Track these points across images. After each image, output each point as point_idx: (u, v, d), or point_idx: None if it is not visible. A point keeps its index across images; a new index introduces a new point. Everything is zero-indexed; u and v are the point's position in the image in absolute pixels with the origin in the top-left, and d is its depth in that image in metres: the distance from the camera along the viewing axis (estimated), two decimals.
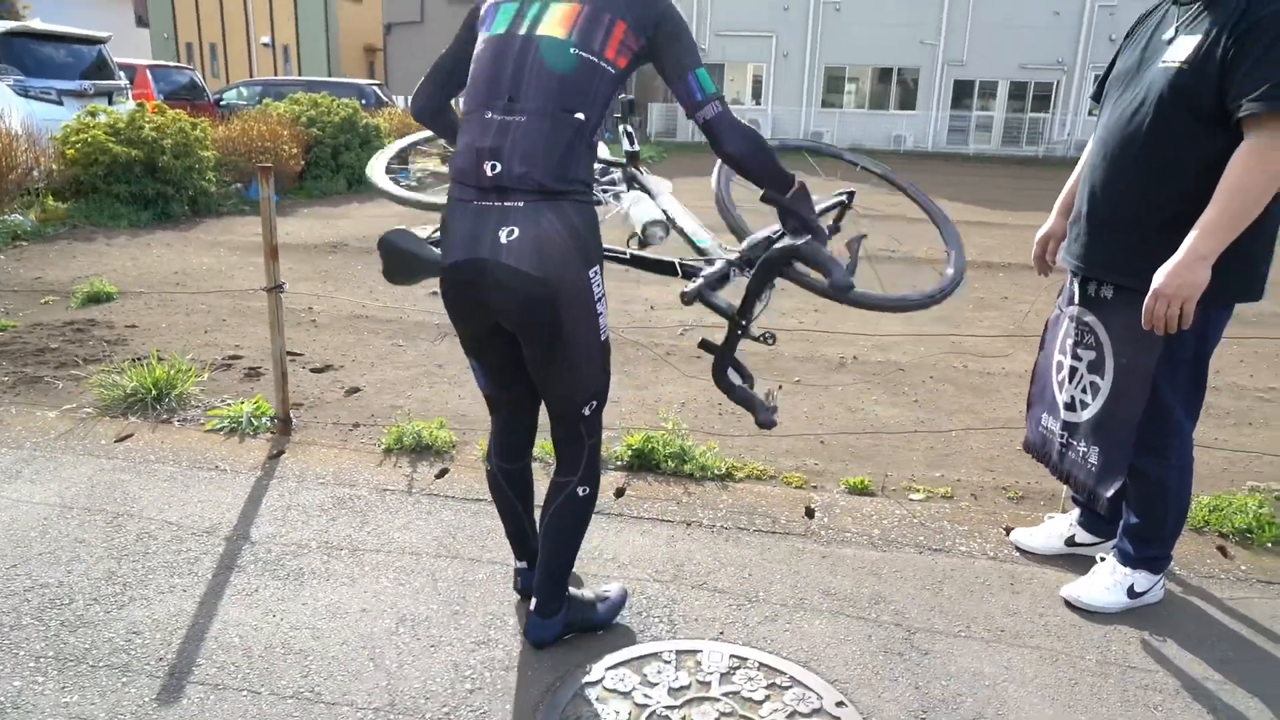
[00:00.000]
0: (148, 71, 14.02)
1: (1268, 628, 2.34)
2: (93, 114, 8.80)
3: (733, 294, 2.15)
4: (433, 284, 2.06)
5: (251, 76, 27.86)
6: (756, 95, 28.09)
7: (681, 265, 2.20)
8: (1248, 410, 4.20)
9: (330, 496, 2.90)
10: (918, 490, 3.14)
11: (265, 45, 31.08)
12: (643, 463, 3.18)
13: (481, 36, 1.91)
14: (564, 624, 2.14)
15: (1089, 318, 2.33)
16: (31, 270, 6.33)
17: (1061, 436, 2.45)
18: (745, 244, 2.16)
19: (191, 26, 31.97)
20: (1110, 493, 2.28)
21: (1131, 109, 2.14)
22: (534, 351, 1.92)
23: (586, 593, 2.25)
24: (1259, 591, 2.53)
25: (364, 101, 14.67)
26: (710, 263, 2.14)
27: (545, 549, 2.09)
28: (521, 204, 1.77)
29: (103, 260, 6.77)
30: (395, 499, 2.91)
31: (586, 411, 2.00)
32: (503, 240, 1.77)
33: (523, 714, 1.90)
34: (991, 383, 4.47)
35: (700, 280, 2.05)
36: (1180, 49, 2.04)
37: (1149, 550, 2.35)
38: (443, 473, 3.12)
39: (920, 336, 5.24)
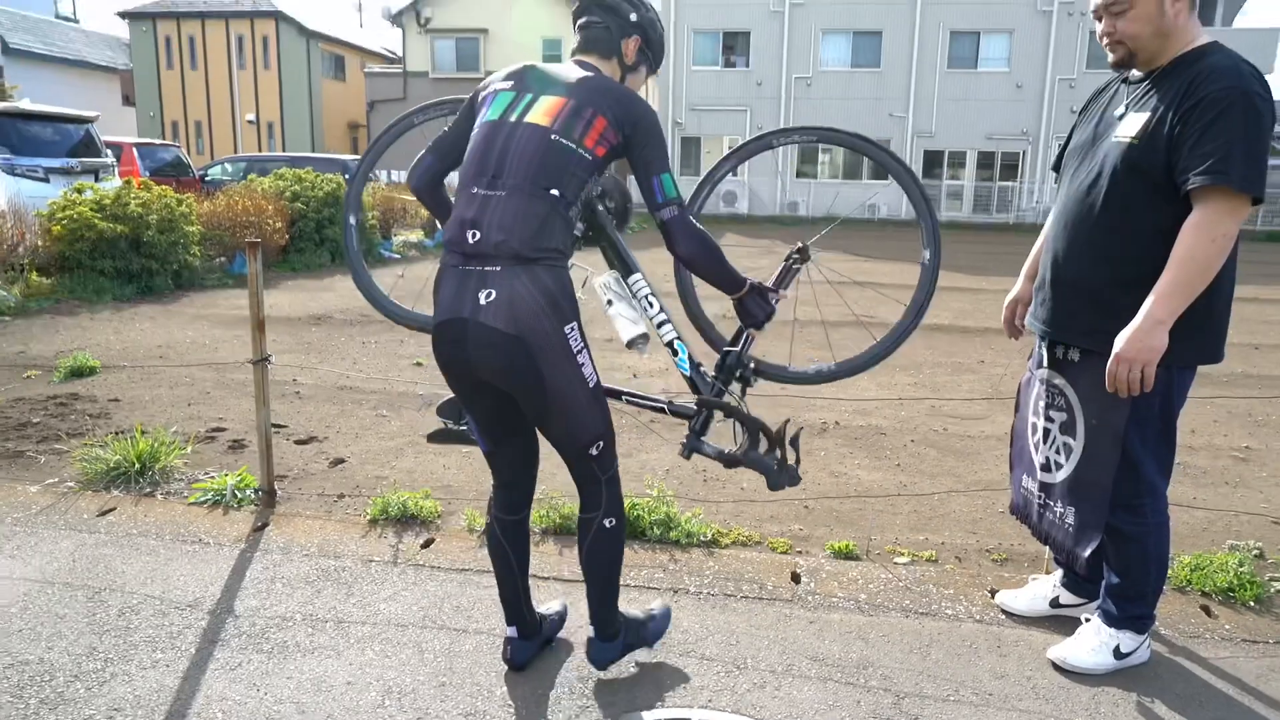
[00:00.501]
0: (134, 149, 14.24)
1: (1255, 687, 2.36)
2: (79, 191, 8.90)
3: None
4: (416, 354, 2.09)
5: (236, 153, 28.28)
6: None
7: (671, 408, 2.45)
8: (1223, 470, 4.27)
9: (315, 568, 2.88)
10: (902, 554, 3.16)
11: (250, 122, 31.59)
12: (629, 530, 3.18)
13: (478, 121, 2.09)
14: (624, 645, 2.30)
15: (1058, 380, 2.40)
16: (14, 345, 6.31)
17: (1039, 497, 2.50)
18: (718, 372, 2.43)
19: (177, 105, 32.50)
20: (1088, 552, 2.31)
21: (1089, 181, 2.25)
22: (527, 405, 2.05)
23: (636, 612, 2.40)
24: (1244, 651, 2.55)
25: (347, 176, 14.91)
26: (711, 386, 2.42)
27: (591, 583, 2.24)
28: (499, 268, 1.94)
29: (86, 334, 6.76)
30: (380, 570, 2.89)
31: (594, 452, 2.11)
32: (481, 301, 1.94)
33: None
34: (972, 445, 4.53)
35: (690, 436, 2.40)
36: (1130, 125, 2.16)
37: (1132, 609, 2.38)
38: (428, 543, 3.11)
39: (901, 400, 5.32)
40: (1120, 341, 2.08)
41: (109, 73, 31.82)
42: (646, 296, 2.37)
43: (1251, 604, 2.81)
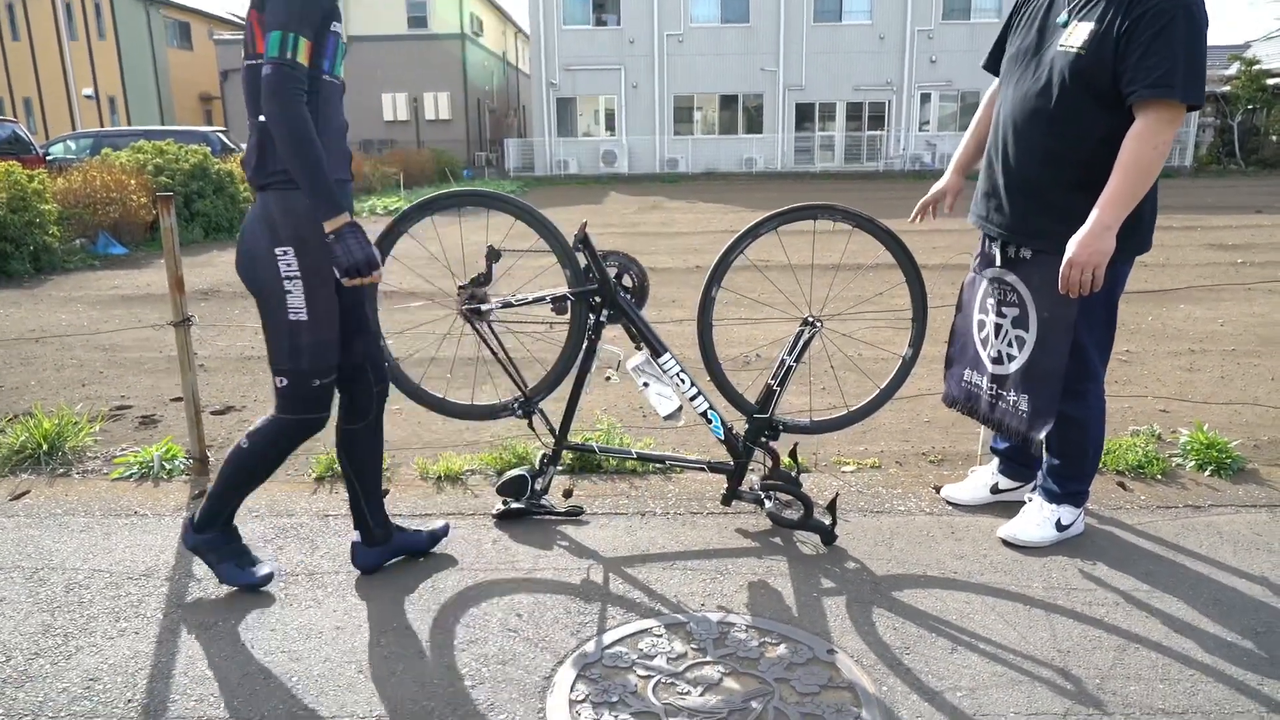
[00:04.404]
0: None
1: (1175, 543, 2.62)
2: None
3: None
4: None
5: (75, 130, 26.09)
6: (610, 126, 28.61)
7: (710, 466, 2.81)
8: (1111, 370, 4.59)
9: (271, 527, 2.78)
10: (848, 463, 3.31)
11: (88, 97, 29.12)
12: (584, 464, 3.20)
13: None
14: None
15: (1010, 277, 2.52)
16: None
17: (990, 389, 2.64)
18: (748, 435, 2.74)
19: (0, 80, 29.67)
20: (1042, 435, 2.46)
21: (1037, 88, 2.34)
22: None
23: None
24: (1161, 516, 2.81)
25: (210, 149, 14.03)
26: (737, 451, 2.74)
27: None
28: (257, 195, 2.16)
29: None
30: (340, 523, 2.81)
31: (279, 384, 2.23)
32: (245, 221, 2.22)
33: (529, 700, 1.89)
34: (885, 366, 4.73)
35: (728, 487, 2.76)
36: (1077, 35, 2.24)
37: (1072, 486, 2.58)
38: (384, 493, 3.04)
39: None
40: (1072, 247, 2.21)
41: None
42: (677, 374, 2.61)
43: (1159, 477, 3.10)
